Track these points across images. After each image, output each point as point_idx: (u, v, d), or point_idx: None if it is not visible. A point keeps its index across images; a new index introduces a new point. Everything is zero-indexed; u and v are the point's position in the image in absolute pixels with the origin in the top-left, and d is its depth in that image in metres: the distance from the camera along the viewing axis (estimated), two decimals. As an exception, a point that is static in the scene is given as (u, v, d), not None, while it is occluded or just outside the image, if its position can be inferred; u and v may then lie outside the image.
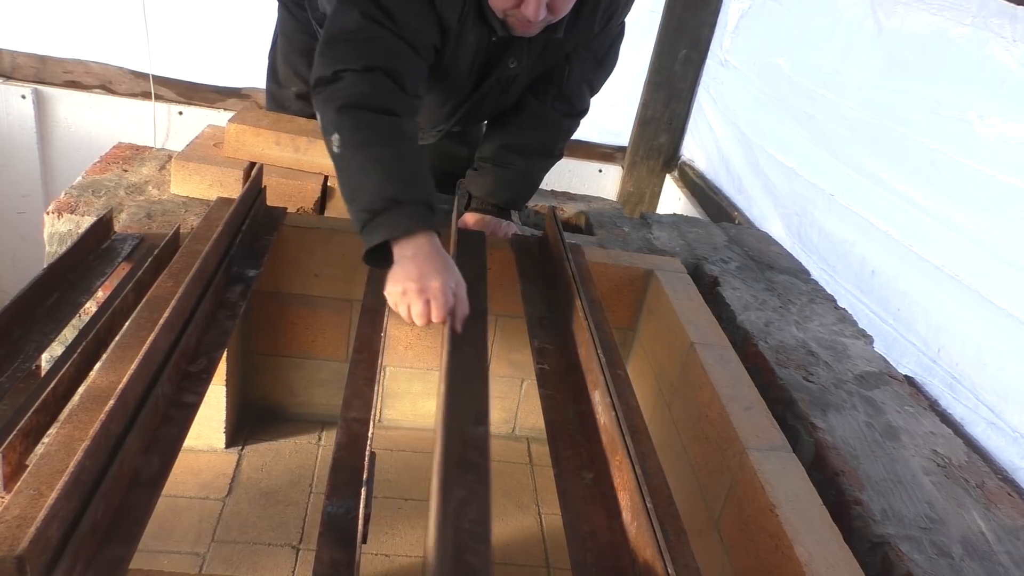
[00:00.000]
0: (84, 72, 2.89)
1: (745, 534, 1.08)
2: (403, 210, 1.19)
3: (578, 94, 1.68)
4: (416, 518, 1.57)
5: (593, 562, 0.88)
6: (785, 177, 2.38)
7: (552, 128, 1.70)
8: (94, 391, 0.90)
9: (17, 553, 0.63)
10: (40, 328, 1.09)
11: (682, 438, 1.38)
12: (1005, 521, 1.09)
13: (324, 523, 0.86)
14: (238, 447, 1.67)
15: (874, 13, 2.02)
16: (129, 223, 1.50)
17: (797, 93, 2.34)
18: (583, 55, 1.62)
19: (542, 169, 1.77)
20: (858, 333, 1.57)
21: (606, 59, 1.68)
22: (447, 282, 1.16)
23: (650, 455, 1.02)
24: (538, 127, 1.68)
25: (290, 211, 1.63)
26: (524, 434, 1.87)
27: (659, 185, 3.31)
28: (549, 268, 1.55)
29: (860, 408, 1.29)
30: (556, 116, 1.68)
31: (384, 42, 1.31)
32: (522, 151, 1.69)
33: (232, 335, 1.21)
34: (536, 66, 1.58)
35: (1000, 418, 1.50)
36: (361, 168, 1.24)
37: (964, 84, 1.68)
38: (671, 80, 3.10)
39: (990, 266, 1.56)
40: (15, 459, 0.85)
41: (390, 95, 1.29)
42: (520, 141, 1.68)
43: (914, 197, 1.79)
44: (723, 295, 1.63)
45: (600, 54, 1.65)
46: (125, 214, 1.53)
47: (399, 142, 1.27)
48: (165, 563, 1.38)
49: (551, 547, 1.57)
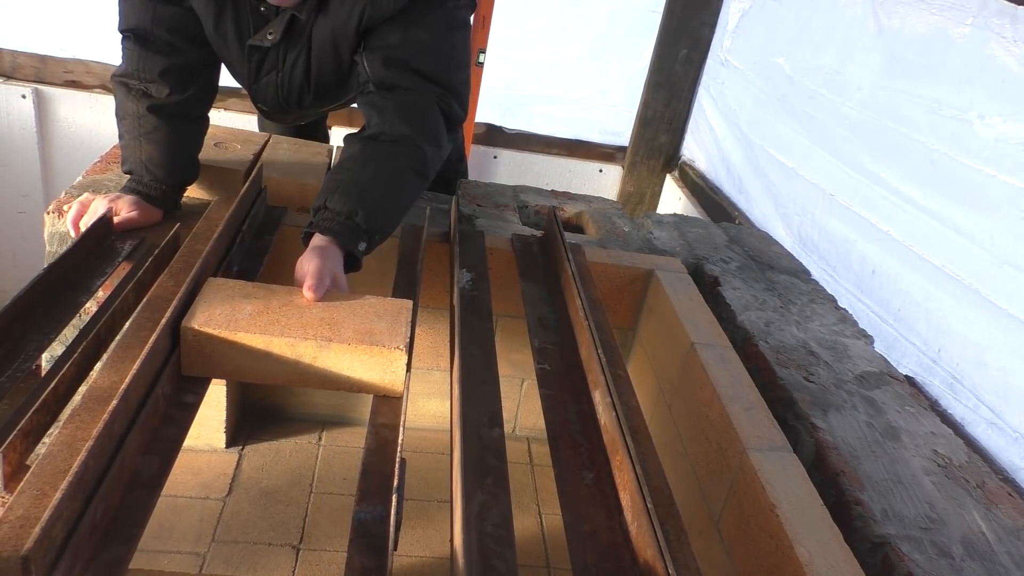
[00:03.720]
0: (84, 72, 2.89)
1: (745, 534, 1.08)
2: None
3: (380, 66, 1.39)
4: (417, 518, 1.57)
5: (593, 562, 0.88)
6: (785, 177, 2.38)
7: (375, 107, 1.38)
8: (96, 391, 0.90)
9: (22, 553, 0.63)
10: (40, 328, 1.09)
11: (682, 438, 1.38)
12: (1006, 521, 1.09)
13: (354, 529, 0.85)
14: (238, 447, 1.68)
15: (874, 13, 2.02)
16: (129, 223, 1.49)
17: (798, 93, 2.34)
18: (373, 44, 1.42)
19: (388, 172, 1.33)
20: (858, 333, 1.57)
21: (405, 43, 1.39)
22: None
23: (650, 455, 1.02)
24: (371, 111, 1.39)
25: (290, 211, 1.63)
26: (524, 434, 1.87)
27: (659, 185, 3.31)
28: (549, 268, 1.55)
29: (861, 408, 1.29)
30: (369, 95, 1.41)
31: None
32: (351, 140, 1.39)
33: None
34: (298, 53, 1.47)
35: (1000, 418, 1.50)
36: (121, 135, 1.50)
37: (964, 84, 1.68)
38: (671, 80, 3.10)
39: (990, 266, 1.56)
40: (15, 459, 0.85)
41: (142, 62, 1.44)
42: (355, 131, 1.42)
43: (914, 197, 1.79)
44: (723, 295, 1.63)
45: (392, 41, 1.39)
46: (125, 214, 1.53)
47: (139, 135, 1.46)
48: (165, 563, 1.38)
49: (551, 547, 1.57)
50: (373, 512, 0.86)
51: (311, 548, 1.46)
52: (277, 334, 1.03)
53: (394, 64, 1.39)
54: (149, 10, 1.42)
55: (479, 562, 0.81)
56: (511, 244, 1.64)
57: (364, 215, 1.26)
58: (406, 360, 1.05)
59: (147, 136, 1.45)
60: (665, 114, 3.17)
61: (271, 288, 1.14)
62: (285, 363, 1.04)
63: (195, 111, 1.53)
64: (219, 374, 1.05)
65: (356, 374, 1.06)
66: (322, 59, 1.49)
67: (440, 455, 1.76)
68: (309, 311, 1.09)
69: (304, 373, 1.05)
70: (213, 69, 1.55)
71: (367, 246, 1.29)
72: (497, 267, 1.57)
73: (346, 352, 1.04)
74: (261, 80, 1.55)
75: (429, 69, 1.40)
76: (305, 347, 1.03)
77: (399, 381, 1.06)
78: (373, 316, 1.11)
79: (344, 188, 1.28)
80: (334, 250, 1.23)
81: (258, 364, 1.04)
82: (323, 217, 1.27)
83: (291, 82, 1.54)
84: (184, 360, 1.03)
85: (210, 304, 1.06)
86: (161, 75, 1.44)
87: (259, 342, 1.03)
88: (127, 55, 1.46)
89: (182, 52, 1.46)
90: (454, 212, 1.65)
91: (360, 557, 0.80)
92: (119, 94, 1.47)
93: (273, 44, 1.47)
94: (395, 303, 1.16)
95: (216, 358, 1.03)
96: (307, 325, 1.06)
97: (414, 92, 1.40)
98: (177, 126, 1.48)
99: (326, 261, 1.18)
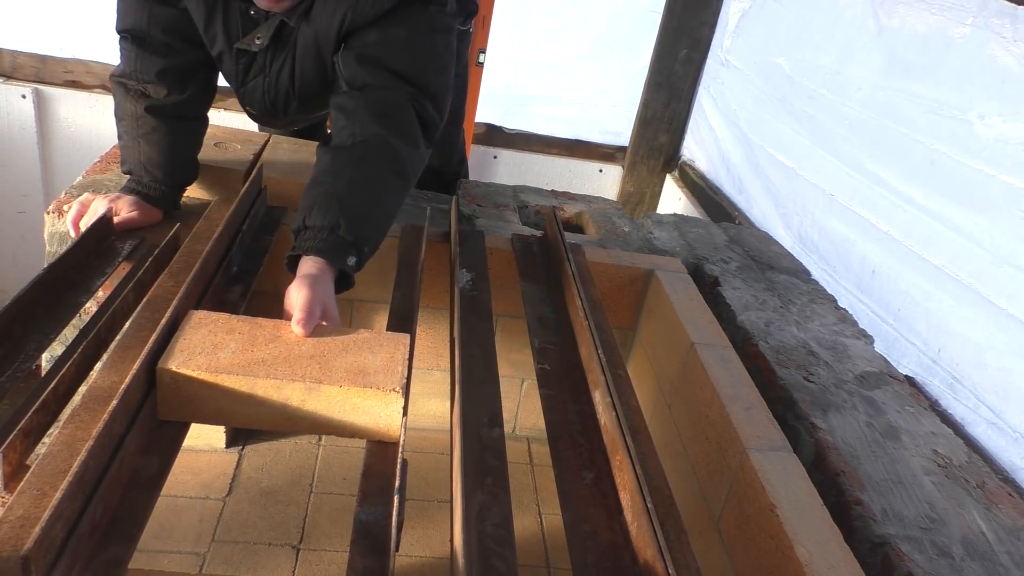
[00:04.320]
0: (84, 72, 2.89)
1: (745, 534, 1.08)
2: None
3: (354, 63, 1.36)
4: (416, 517, 1.57)
5: (593, 562, 0.88)
6: (785, 177, 2.38)
7: (343, 110, 1.34)
8: (96, 391, 0.90)
9: (22, 553, 0.63)
10: (40, 328, 1.09)
11: (682, 438, 1.38)
12: (1005, 521, 1.09)
13: (356, 530, 0.84)
14: (238, 447, 1.68)
15: (874, 13, 2.02)
16: (129, 223, 1.49)
17: (797, 93, 2.34)
18: (350, 43, 1.39)
19: (363, 176, 1.26)
20: (858, 333, 1.57)
21: (381, 41, 1.36)
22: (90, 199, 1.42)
23: (650, 455, 1.02)
24: (339, 114, 1.35)
25: (290, 211, 1.63)
26: (524, 434, 1.87)
27: (659, 185, 3.31)
28: (549, 268, 1.55)
29: (861, 408, 1.29)
30: (340, 96, 1.36)
31: None
32: (322, 151, 1.33)
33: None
34: (284, 59, 1.46)
35: (1000, 418, 1.50)
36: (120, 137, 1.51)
37: (964, 84, 1.68)
38: (671, 80, 3.10)
39: (990, 266, 1.56)
40: (15, 459, 0.85)
41: (139, 63, 1.45)
42: (329, 136, 1.37)
43: (914, 197, 1.79)
44: (723, 295, 1.63)
45: (369, 39, 1.36)
46: (125, 214, 1.53)
47: (138, 135, 1.47)
48: (165, 563, 1.38)
49: (551, 547, 1.57)
50: (375, 513, 0.86)
51: (311, 548, 1.46)
52: (262, 375, 0.95)
53: (368, 61, 1.34)
54: (145, 11, 1.42)
55: (479, 562, 0.81)
56: (511, 244, 1.64)
57: (347, 226, 1.19)
58: (403, 403, 0.97)
59: (145, 137, 1.45)
60: (665, 114, 3.17)
61: (256, 322, 1.06)
62: (271, 407, 0.96)
63: (193, 111, 1.53)
64: (199, 418, 0.96)
65: (348, 418, 0.98)
66: (305, 65, 1.46)
67: (440, 455, 1.76)
68: (298, 347, 1.01)
69: (292, 417, 0.97)
70: (211, 70, 1.54)
71: (357, 260, 1.21)
72: (497, 267, 1.57)
73: (337, 395, 0.96)
74: (248, 84, 1.53)
75: (404, 68, 1.34)
76: (292, 389, 0.95)
77: (395, 425, 0.98)
78: (367, 353, 1.03)
79: (321, 202, 1.21)
80: (323, 274, 1.15)
81: (241, 408, 0.96)
82: (305, 237, 1.19)
83: (277, 87, 1.51)
84: (161, 404, 0.95)
85: (190, 341, 0.98)
86: (159, 76, 1.44)
87: (242, 384, 0.95)
88: (125, 55, 1.45)
89: (179, 53, 1.46)
90: (454, 212, 1.65)
91: (362, 558, 0.80)
92: (117, 94, 1.47)
93: (260, 49, 1.45)
94: (391, 338, 1.07)
95: (196, 401, 0.95)
96: (295, 364, 0.98)
97: (386, 91, 1.33)
98: (175, 127, 1.48)
99: (316, 289, 1.10)
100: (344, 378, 0.97)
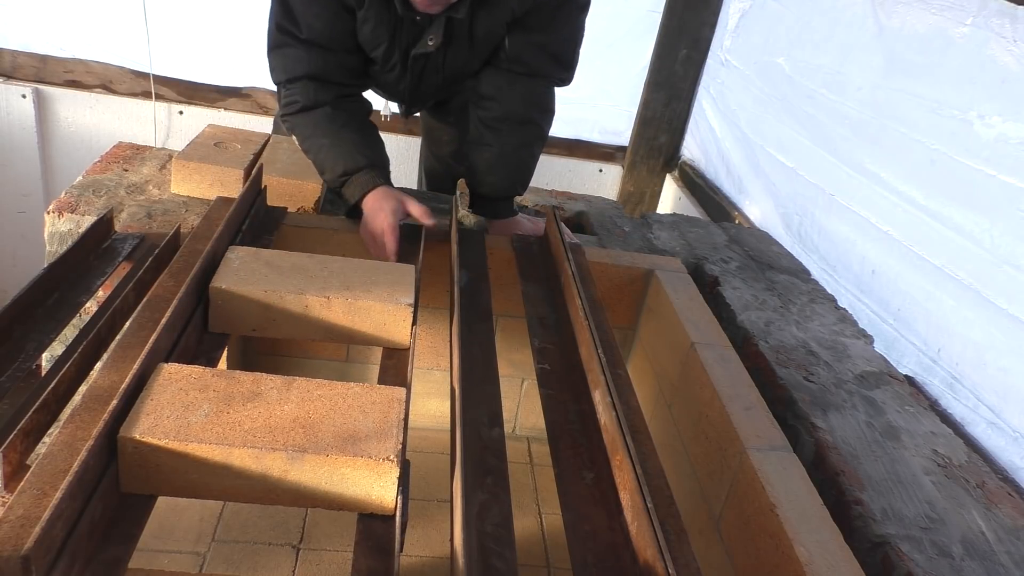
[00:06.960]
0: (85, 71, 2.89)
1: (745, 534, 1.08)
2: (352, 180, 1.54)
3: (528, 52, 1.62)
4: (417, 517, 1.57)
5: (593, 562, 0.88)
6: (785, 177, 2.38)
7: (515, 91, 1.66)
8: (96, 391, 0.90)
9: (22, 553, 0.63)
10: (41, 327, 1.09)
11: (682, 438, 1.38)
12: (1005, 521, 1.09)
13: (359, 531, 0.84)
14: (238, 447, 1.67)
15: (874, 13, 2.02)
16: (129, 222, 1.50)
17: (797, 93, 2.34)
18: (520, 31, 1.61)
19: (521, 145, 1.70)
20: (858, 333, 1.57)
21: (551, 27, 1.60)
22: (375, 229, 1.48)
23: (651, 455, 1.02)
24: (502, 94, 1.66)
25: (290, 211, 1.63)
26: (524, 434, 1.87)
27: (659, 185, 3.31)
28: (549, 268, 1.55)
29: (860, 408, 1.30)
30: (512, 76, 1.65)
31: (297, 51, 1.52)
32: (491, 123, 1.68)
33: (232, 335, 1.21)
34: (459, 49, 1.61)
35: (1000, 418, 1.50)
36: (316, 155, 1.58)
37: (964, 84, 1.68)
38: (671, 80, 3.10)
39: (990, 266, 1.56)
40: (16, 459, 0.85)
41: (317, 93, 1.55)
42: (489, 113, 1.68)
43: (914, 197, 1.79)
44: (723, 295, 1.63)
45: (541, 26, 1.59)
46: (125, 213, 1.53)
47: (338, 128, 1.55)
48: (165, 563, 1.38)
49: (551, 547, 1.57)
50: (378, 514, 0.86)
51: (311, 548, 1.46)
52: (238, 443, 0.83)
53: (535, 45, 1.60)
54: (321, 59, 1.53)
55: (479, 562, 0.81)
56: (511, 244, 1.64)
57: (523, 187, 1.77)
58: (398, 473, 0.86)
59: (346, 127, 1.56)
60: (665, 114, 3.16)
61: (234, 376, 0.94)
62: (249, 478, 0.84)
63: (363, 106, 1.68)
64: (167, 491, 0.85)
65: (336, 489, 0.86)
66: (482, 52, 1.62)
67: (440, 455, 1.76)
68: (280, 407, 0.90)
69: (272, 490, 0.86)
70: None
71: None
72: (497, 267, 1.57)
73: (323, 464, 0.85)
74: (424, 83, 1.70)
75: (562, 52, 1.64)
76: (273, 459, 0.84)
77: (389, 498, 0.87)
78: (358, 413, 0.92)
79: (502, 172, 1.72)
80: None
81: (215, 480, 0.85)
82: None
83: (452, 78, 1.70)
84: (123, 476, 0.83)
85: (157, 403, 0.87)
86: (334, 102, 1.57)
87: (216, 453, 0.83)
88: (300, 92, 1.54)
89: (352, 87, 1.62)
90: (454, 212, 1.65)
91: (366, 559, 0.80)
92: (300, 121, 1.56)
93: (435, 48, 1.58)
94: (385, 393, 0.97)
95: (163, 473, 0.84)
96: (276, 428, 0.87)
97: (538, 78, 1.65)
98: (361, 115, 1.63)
99: None
100: (332, 445, 0.86)
